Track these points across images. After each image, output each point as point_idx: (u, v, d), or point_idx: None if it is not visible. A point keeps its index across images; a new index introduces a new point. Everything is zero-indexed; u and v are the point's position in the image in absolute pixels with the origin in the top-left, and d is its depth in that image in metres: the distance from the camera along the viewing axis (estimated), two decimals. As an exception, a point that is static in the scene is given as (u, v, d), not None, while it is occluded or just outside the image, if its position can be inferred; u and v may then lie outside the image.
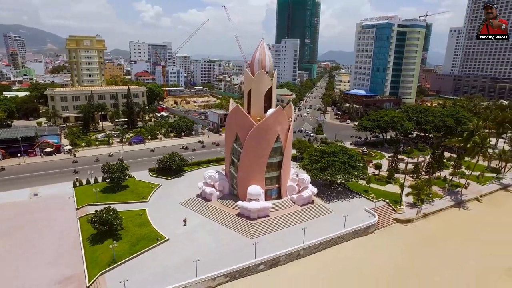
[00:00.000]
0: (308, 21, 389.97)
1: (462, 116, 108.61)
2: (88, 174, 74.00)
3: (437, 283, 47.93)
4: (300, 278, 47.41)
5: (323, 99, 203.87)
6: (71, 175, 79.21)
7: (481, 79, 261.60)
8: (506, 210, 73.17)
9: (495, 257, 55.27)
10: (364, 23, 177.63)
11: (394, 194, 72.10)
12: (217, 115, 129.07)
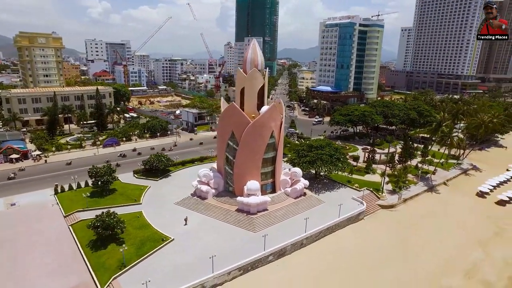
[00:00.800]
0: (268, 19, 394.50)
1: (423, 109, 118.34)
2: (71, 179, 70.39)
3: (423, 257, 53.18)
4: (306, 266, 49.85)
5: (290, 96, 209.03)
6: (47, 182, 74.67)
7: (430, 75, 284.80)
8: (468, 191, 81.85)
9: (466, 232, 62.40)
10: (327, 22, 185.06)
11: (374, 183, 77.44)
12: (191, 115, 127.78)
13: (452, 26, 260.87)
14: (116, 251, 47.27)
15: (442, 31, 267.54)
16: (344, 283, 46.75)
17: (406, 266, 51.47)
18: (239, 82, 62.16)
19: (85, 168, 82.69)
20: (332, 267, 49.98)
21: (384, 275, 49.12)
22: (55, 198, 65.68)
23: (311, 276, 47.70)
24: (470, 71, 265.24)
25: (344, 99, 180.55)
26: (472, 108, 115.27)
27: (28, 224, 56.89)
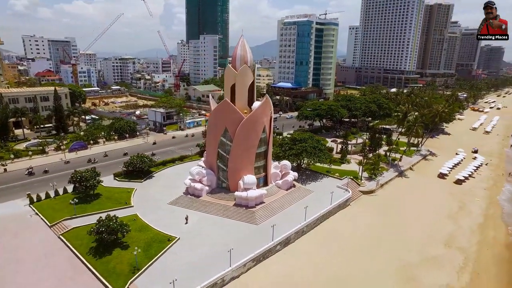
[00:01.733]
0: (220, 17, 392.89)
1: (382, 102, 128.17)
2: (43, 187, 65.31)
3: (408, 233, 59.20)
4: (310, 251, 52.52)
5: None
6: (14, 192, 68.29)
7: (377, 70, 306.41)
8: (430, 173, 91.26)
9: (437, 208, 70.32)
10: (285, 20, 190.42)
11: (351, 171, 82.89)
12: (159, 114, 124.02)
13: (394, 26, 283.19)
14: (123, 256, 45.60)
15: (386, 30, 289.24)
16: (347, 263, 50.22)
17: (396, 242, 56.69)
18: (229, 78, 62.58)
19: (57, 174, 77.57)
20: (333, 251, 53.26)
21: (380, 252, 53.72)
22: (32, 208, 60.46)
23: (316, 261, 50.45)
24: (411, 67, 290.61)
25: (305, 95, 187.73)
26: (424, 100, 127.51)
27: (6, 239, 51.69)
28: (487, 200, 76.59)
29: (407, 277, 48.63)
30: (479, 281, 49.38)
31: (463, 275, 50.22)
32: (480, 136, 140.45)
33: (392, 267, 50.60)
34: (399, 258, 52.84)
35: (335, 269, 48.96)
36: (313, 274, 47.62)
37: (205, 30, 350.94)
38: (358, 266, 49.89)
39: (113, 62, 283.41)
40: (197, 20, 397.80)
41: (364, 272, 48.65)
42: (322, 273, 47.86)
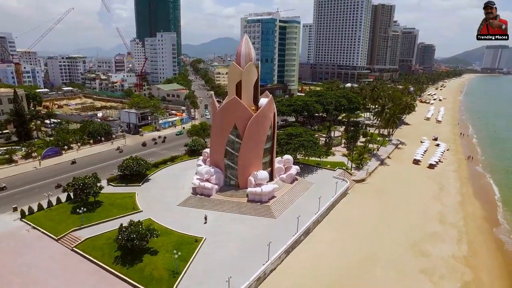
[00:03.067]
0: (172, 14, 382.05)
1: (351, 96, 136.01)
2: (25, 200, 59.89)
3: (406, 214, 65.22)
4: (327, 238, 55.28)
5: (218, 91, 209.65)
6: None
7: (331, 66, 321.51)
8: (405, 160, 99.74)
9: (422, 191, 77.79)
10: (249, 18, 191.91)
11: (339, 162, 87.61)
12: (134, 115, 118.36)
13: (346, 24, 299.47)
14: (156, 261, 44.14)
15: (338, 28, 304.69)
16: (364, 245, 53.80)
17: (397, 223, 62.00)
18: (234, 76, 62.63)
19: (36, 184, 71.30)
20: (347, 236, 56.55)
21: (387, 232, 58.44)
22: (26, 222, 55.11)
23: (336, 246, 53.38)
24: (362, 63, 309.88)
25: (271, 91, 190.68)
26: (387, 94, 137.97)
27: (10, 259, 46.68)
28: (458, 181, 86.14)
29: (419, 252, 53.65)
30: (474, 249, 56.18)
31: (461, 245, 56.70)
32: (434, 125, 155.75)
33: (403, 244, 55.36)
34: (406, 236, 57.87)
35: (355, 252, 52.19)
36: (337, 258, 50.39)
37: (157, 28, 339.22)
38: (374, 247, 53.73)
39: (60, 61, 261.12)
40: (148, 17, 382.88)
41: (382, 251, 52.69)
42: (345, 256, 50.83)
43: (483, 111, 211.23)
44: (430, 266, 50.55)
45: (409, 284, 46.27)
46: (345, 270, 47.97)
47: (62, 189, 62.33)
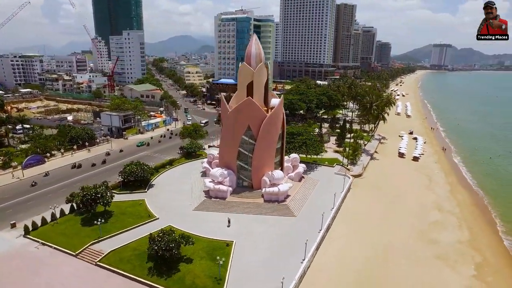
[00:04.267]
0: (134, 11, 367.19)
1: (331, 93, 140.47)
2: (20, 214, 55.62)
3: (407, 204, 70.17)
4: (345, 232, 57.25)
5: (193, 91, 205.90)
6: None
7: (298, 64, 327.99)
8: (391, 154, 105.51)
9: (414, 182, 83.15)
10: (223, 17, 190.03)
11: (333, 159, 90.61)
12: (116, 118, 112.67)
13: (312, 22, 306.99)
14: (194, 269, 43.11)
15: (305, 26, 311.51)
16: (379, 236, 56.56)
17: (402, 213, 66.02)
18: (246, 77, 62.23)
19: (29, 196, 66.18)
20: (362, 229, 58.90)
21: (396, 222, 62.09)
22: (31, 239, 50.86)
23: (356, 239, 55.52)
24: (328, 61, 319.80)
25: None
26: (364, 91, 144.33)
27: (27, 280, 42.88)
28: (443, 172, 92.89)
29: (429, 240, 57.49)
30: (474, 233, 61.29)
31: (463, 231, 61.61)
32: (405, 119, 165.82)
33: (412, 233, 59.04)
34: (412, 226, 61.67)
35: (373, 243, 54.65)
36: (359, 250, 52.52)
37: (118, 25, 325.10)
38: (388, 238, 56.66)
39: (12, 60, 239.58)
40: (108, 14, 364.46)
41: (396, 241, 55.80)
42: (365, 248, 53.05)
43: (442, 105, 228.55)
44: (443, 252, 54.40)
45: (430, 269, 49.52)
46: (369, 260, 50.22)
47: (66, 200, 58.00)
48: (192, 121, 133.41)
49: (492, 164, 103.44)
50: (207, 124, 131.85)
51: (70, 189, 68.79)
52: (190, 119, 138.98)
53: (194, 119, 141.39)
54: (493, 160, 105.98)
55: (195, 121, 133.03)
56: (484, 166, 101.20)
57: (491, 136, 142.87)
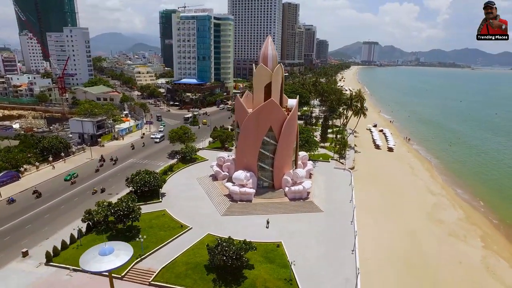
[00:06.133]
0: (68, 5, 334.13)
1: (300, 91, 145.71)
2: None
3: (405, 190, 77.14)
4: (366, 222, 60.80)
5: (153, 92, 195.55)
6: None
7: (248, 62, 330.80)
8: (368, 146, 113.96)
9: (400, 170, 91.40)
10: (182, 14, 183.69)
11: (322, 154, 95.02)
12: (89, 124, 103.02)
13: (261, 20, 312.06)
14: (260, 274, 42.87)
15: (255, 24, 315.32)
16: (396, 221, 62.06)
17: (404, 200, 72.74)
18: (263, 78, 62.27)
19: (22, 219, 58.82)
20: (378, 217, 63.56)
21: (403, 207, 68.29)
22: (60, 266, 45.41)
23: (379, 227, 59.92)
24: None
25: (212, 89, 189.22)
26: (330, 88, 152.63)
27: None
28: (418, 160, 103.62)
29: (436, 220, 64.69)
30: (466, 210, 70.31)
31: (458, 210, 70.34)
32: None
33: (422, 216, 65.73)
34: (418, 209, 68.54)
35: (395, 228, 59.77)
36: (388, 236, 57.15)
37: (49, 21, 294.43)
38: (406, 221, 62.58)
39: None
40: (35, 8, 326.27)
41: (412, 224, 61.76)
42: (392, 233, 58.00)
43: (388, 99, 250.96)
44: (451, 229, 61.72)
45: (450, 245, 55.99)
46: (404, 244, 55.01)
47: (82, 218, 52.30)
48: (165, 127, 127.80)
49: (451, 150, 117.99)
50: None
51: (70, 207, 62.73)
52: (162, 128, 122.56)
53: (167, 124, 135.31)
54: (451, 147, 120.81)
55: (169, 126, 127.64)
56: (446, 152, 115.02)
57: (438, 126, 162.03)
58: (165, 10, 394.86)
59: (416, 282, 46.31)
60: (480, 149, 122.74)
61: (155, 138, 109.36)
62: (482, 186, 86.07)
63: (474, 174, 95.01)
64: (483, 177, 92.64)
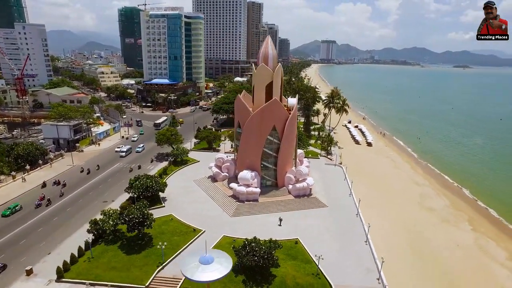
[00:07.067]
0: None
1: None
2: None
3: (392, 180, 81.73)
4: (369, 212, 63.77)
5: (123, 93, 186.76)
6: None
7: (215, 61, 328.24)
8: (348, 142, 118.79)
9: (382, 163, 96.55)
10: (151, 13, 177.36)
11: (309, 151, 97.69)
12: (65, 129, 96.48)
13: (227, 20, 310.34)
14: (286, 271, 43.66)
15: (221, 24, 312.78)
16: (395, 211, 65.77)
17: (394, 191, 77.41)
18: (264, 77, 62.56)
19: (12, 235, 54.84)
20: (378, 207, 67.21)
21: (396, 199, 72.87)
22: (74, 282, 42.63)
23: (382, 217, 63.13)
24: (243, 57, 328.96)
25: (185, 89, 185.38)
26: (305, 86, 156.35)
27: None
28: (397, 153, 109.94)
29: (427, 209, 69.65)
30: (450, 198, 76.28)
31: (443, 198, 76.13)
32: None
33: (415, 206, 70.47)
34: (410, 200, 73.25)
35: (396, 217, 63.65)
36: (393, 224, 61.22)
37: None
38: (404, 211, 67.01)
39: None
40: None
41: (409, 213, 66.39)
42: (395, 221, 62.21)
43: (353, 96, 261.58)
44: (442, 216, 66.85)
45: (445, 230, 60.86)
46: (403, 232, 58.86)
47: (88, 229, 49.29)
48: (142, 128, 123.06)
49: (421, 143, 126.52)
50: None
51: (65, 217, 58.95)
52: (136, 138, 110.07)
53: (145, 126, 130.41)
54: (421, 140, 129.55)
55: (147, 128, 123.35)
56: (417, 145, 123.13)
57: (404, 121, 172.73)
58: (124, 8, 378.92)
59: (426, 265, 49.79)
60: (446, 140, 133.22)
61: (120, 151, 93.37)
62: (456, 173, 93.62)
63: (447, 163, 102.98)
64: (455, 166, 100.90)
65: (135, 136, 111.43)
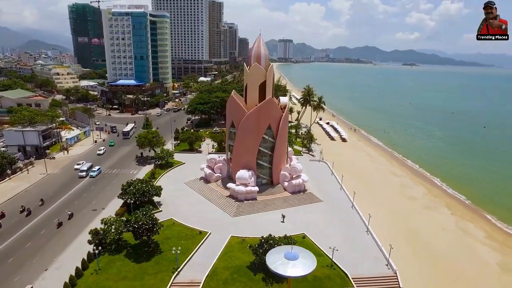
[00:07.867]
0: None
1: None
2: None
3: (374, 175, 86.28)
4: (364, 203, 67.43)
5: (86, 96, 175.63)
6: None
7: (177, 61, 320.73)
8: (320, 138, 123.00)
9: (361, 157, 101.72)
10: (114, 10, 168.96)
11: (294, 149, 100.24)
12: (33, 135, 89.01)
13: (189, 19, 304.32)
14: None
15: (182, 23, 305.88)
16: (384, 202, 69.83)
17: (376, 183, 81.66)
18: (258, 77, 63.02)
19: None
20: (369, 198, 69.77)
21: (380, 191, 76.87)
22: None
23: (376, 206, 65.35)
24: (206, 57, 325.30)
25: (152, 90, 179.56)
26: (275, 85, 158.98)
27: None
28: (371, 148, 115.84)
29: (410, 197, 74.72)
30: (427, 187, 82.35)
31: (421, 187, 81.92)
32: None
33: (399, 196, 75.22)
34: (393, 191, 77.93)
35: (387, 208, 67.30)
36: (389, 212, 64.52)
37: None
38: (390, 201, 70.94)
39: None
40: None
41: (395, 203, 70.39)
42: (390, 210, 65.82)
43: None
44: (424, 203, 72.19)
45: (429, 216, 65.81)
46: (394, 220, 62.74)
47: (89, 241, 46.49)
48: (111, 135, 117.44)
49: (389, 136, 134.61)
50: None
51: (52, 232, 55.22)
52: (103, 151, 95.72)
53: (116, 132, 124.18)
54: (388, 133, 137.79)
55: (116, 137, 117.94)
56: (386, 138, 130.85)
57: (369, 116, 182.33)
58: (75, 4, 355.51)
59: (423, 250, 53.68)
60: (410, 132, 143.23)
61: (79, 170, 78.38)
62: (428, 163, 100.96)
63: (417, 156, 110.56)
64: (425, 157, 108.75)
65: (101, 149, 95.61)
